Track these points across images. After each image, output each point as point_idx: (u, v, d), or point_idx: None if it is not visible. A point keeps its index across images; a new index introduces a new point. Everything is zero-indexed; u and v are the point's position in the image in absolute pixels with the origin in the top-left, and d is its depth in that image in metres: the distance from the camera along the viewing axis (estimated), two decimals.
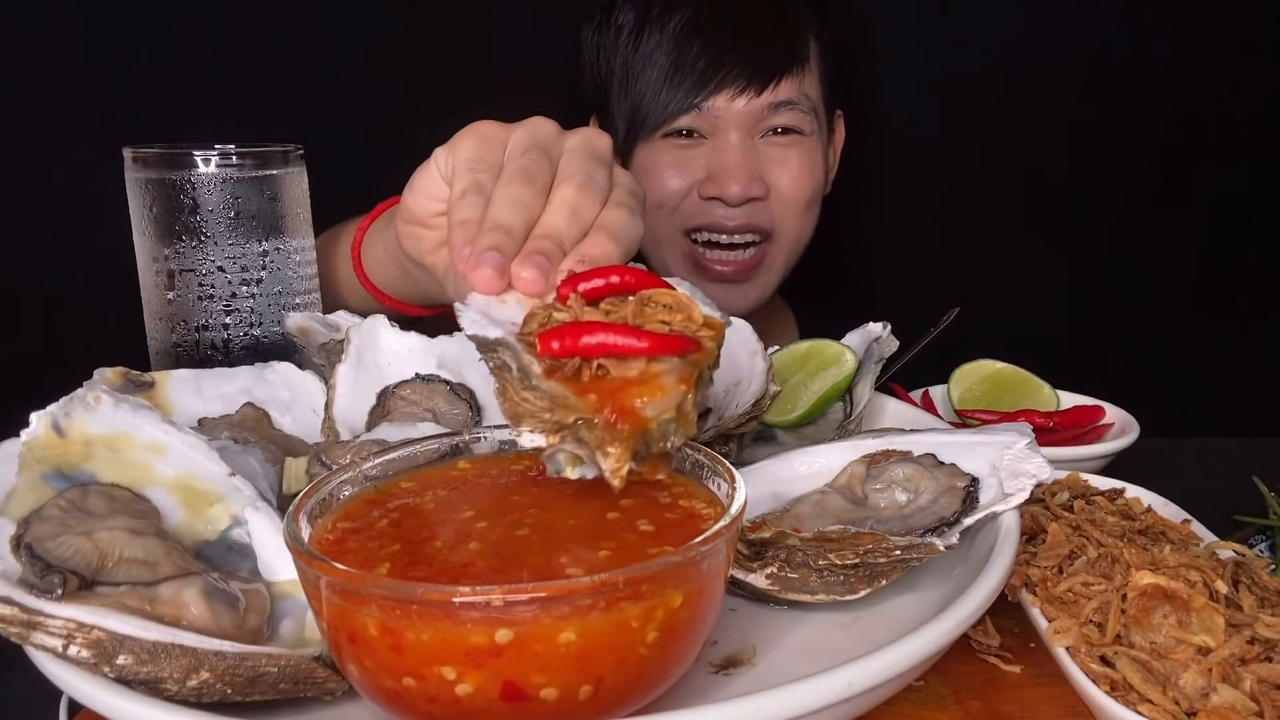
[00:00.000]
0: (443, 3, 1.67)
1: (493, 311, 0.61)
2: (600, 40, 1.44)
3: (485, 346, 0.56)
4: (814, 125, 1.40)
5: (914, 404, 1.03)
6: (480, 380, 0.83)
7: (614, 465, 0.51)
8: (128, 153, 0.91)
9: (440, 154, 0.76)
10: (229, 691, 0.53)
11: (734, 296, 1.40)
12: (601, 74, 1.45)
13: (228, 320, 0.92)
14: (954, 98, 1.79)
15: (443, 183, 0.76)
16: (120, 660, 0.51)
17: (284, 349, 0.95)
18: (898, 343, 0.91)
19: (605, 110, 1.46)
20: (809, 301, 1.65)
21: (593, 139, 0.73)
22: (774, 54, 1.35)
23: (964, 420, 1.08)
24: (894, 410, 0.95)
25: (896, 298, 1.33)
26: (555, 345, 0.55)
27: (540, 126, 0.73)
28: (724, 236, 1.38)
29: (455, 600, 0.46)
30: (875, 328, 0.92)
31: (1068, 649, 0.61)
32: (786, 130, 1.37)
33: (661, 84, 1.34)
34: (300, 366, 0.86)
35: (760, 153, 1.37)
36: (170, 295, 0.91)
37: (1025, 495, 0.67)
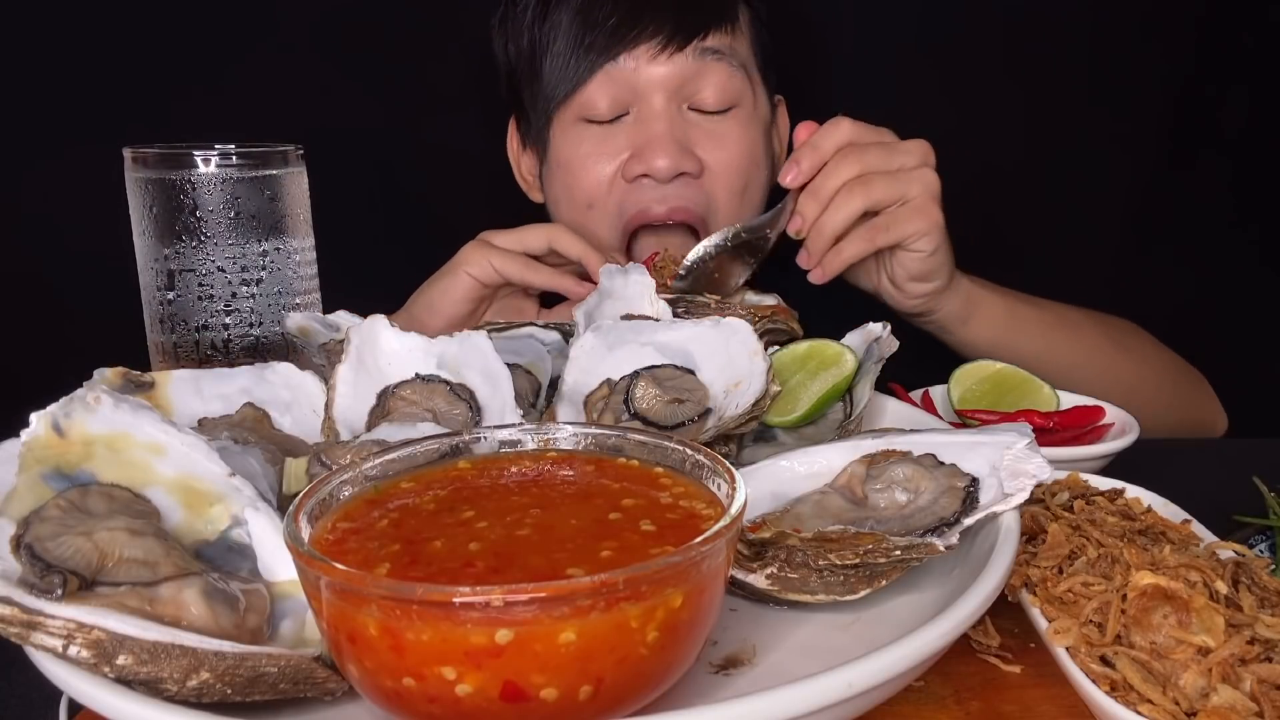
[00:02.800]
0: (444, 4, 1.67)
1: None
2: (507, 28, 1.33)
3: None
4: (748, 90, 1.26)
5: (914, 404, 1.03)
6: (480, 380, 0.83)
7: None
8: (128, 153, 0.91)
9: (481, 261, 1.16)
10: (229, 692, 0.53)
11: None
12: (511, 63, 1.33)
13: (228, 320, 0.92)
14: (930, 78, 1.76)
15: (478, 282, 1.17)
16: (120, 660, 0.51)
17: (284, 349, 0.95)
18: (897, 343, 0.91)
19: (520, 103, 1.34)
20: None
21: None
22: (697, 8, 1.22)
23: (964, 420, 1.07)
24: (894, 410, 0.95)
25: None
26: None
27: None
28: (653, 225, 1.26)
29: (455, 600, 0.46)
30: (875, 328, 0.92)
31: (1068, 649, 0.61)
32: (717, 111, 1.24)
33: (571, 50, 1.21)
34: (300, 366, 0.86)
35: (691, 125, 1.23)
36: (170, 295, 0.91)
37: (1025, 495, 0.67)
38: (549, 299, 1.26)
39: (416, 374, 0.83)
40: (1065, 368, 1.23)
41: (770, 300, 1.09)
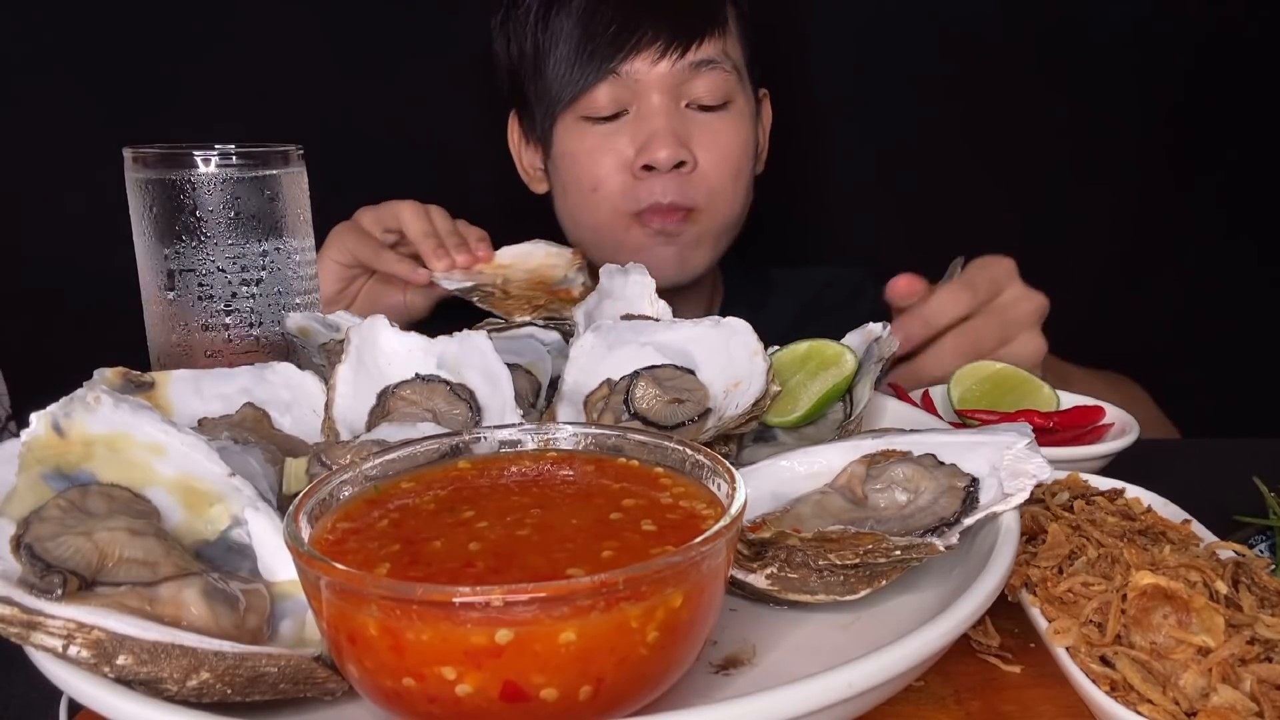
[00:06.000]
0: (443, 4, 1.67)
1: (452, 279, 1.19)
2: (509, 28, 1.40)
3: (472, 290, 1.14)
4: (739, 89, 1.36)
5: (914, 404, 1.03)
6: (480, 380, 0.83)
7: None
8: (128, 153, 0.91)
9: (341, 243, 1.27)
10: (229, 692, 0.53)
11: (665, 261, 1.36)
12: (514, 62, 1.41)
13: (228, 320, 0.92)
14: (915, 75, 1.77)
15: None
16: (120, 660, 0.51)
17: (284, 349, 0.95)
18: (898, 343, 0.91)
19: (523, 100, 1.42)
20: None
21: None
22: (690, 15, 1.31)
23: (964, 420, 1.07)
24: (894, 410, 0.95)
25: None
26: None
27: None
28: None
29: (455, 600, 0.46)
30: (875, 328, 0.92)
31: (1068, 649, 0.61)
32: (711, 106, 1.33)
33: (575, 56, 1.30)
34: (300, 366, 0.86)
35: (688, 121, 1.32)
36: (170, 295, 0.91)
37: (1025, 495, 0.67)
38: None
39: (416, 374, 0.83)
40: None
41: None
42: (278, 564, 0.62)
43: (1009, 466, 0.69)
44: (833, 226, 1.88)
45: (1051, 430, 1.05)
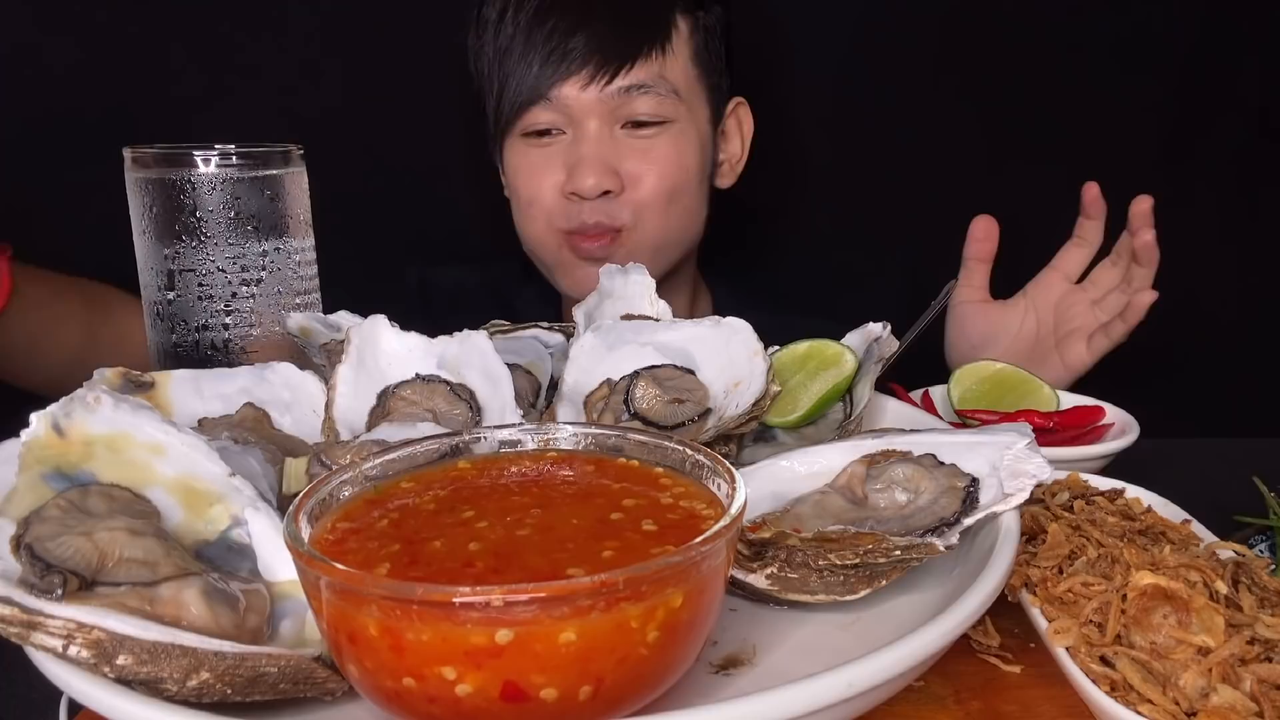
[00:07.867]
0: (445, 4, 1.67)
1: None
2: (473, 41, 1.42)
3: None
4: (680, 108, 1.34)
5: (914, 404, 1.03)
6: (480, 380, 0.83)
7: None
8: (128, 153, 0.91)
9: None
10: (229, 692, 0.53)
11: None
12: (476, 78, 1.43)
13: (228, 320, 0.92)
14: (914, 78, 1.77)
15: None
16: (120, 660, 0.51)
17: (284, 349, 0.95)
18: (897, 342, 0.91)
19: (484, 114, 1.43)
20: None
21: None
22: (623, 36, 1.30)
23: (964, 420, 1.08)
24: (894, 410, 0.95)
25: (885, 296, 1.34)
26: None
27: None
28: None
29: (455, 600, 0.46)
30: (875, 328, 0.92)
31: (1068, 649, 0.61)
32: (647, 122, 1.32)
33: (512, 75, 1.32)
34: (300, 366, 0.86)
35: (621, 144, 1.33)
36: (170, 295, 0.91)
37: (1025, 495, 0.67)
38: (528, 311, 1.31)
39: (417, 374, 0.83)
40: None
41: None
42: (278, 564, 0.62)
43: (1009, 466, 0.69)
44: (819, 234, 1.88)
45: (1051, 430, 1.05)
